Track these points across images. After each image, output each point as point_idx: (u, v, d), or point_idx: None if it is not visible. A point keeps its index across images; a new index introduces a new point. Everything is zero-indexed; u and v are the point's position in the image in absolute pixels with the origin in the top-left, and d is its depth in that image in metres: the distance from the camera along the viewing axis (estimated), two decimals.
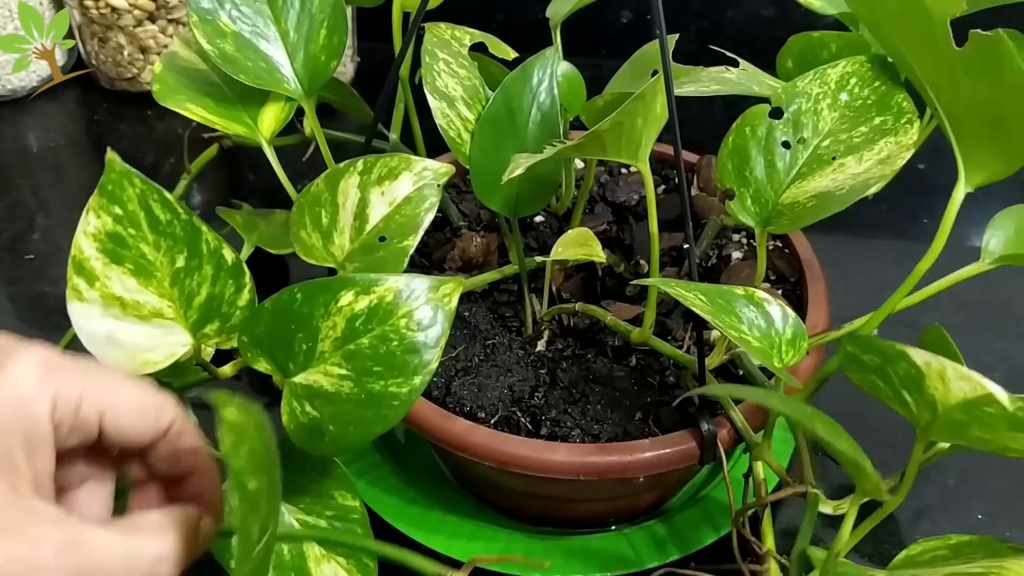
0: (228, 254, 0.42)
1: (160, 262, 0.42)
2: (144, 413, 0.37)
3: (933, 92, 0.43)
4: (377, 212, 0.44)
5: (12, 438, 0.34)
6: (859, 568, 0.40)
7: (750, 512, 0.48)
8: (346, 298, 0.39)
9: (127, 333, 0.41)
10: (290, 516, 0.43)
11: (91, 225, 0.40)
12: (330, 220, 0.45)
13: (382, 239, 0.44)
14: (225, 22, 0.50)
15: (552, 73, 0.51)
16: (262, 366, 0.40)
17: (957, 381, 0.33)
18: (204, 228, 0.42)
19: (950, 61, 0.40)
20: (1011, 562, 0.38)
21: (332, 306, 0.39)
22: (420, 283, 0.39)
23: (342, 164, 0.45)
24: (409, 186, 0.44)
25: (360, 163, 0.45)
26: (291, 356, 0.40)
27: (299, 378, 0.40)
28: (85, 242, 0.40)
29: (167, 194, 0.41)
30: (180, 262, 0.42)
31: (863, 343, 0.37)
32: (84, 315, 0.41)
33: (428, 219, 0.44)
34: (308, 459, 0.43)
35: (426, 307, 0.38)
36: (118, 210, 0.40)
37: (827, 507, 0.43)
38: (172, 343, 0.42)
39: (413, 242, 0.44)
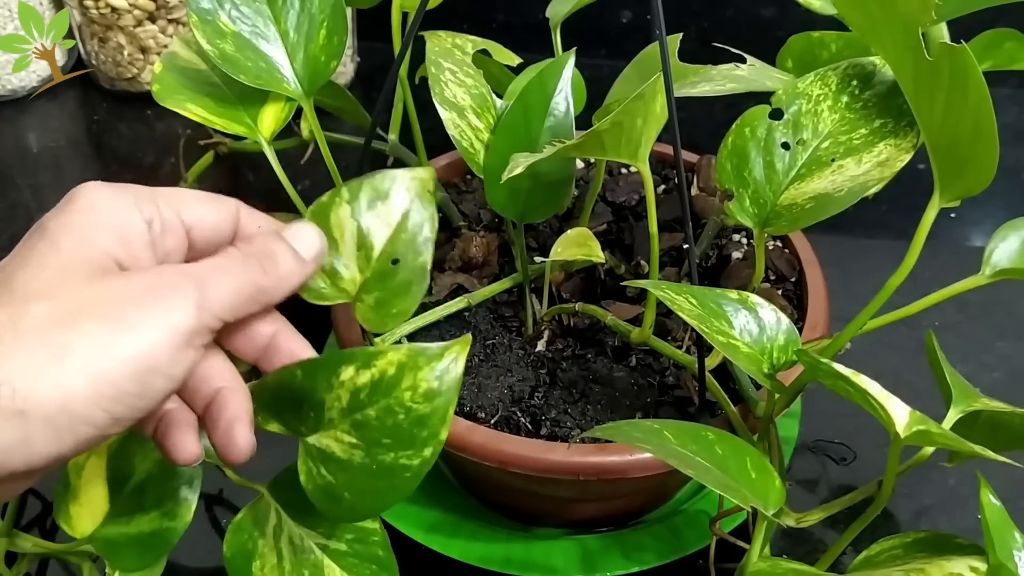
0: None
1: None
2: (211, 200, 0.38)
3: (912, 103, 0.43)
4: (380, 236, 0.43)
5: (108, 235, 0.34)
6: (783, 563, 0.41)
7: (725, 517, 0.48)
8: (347, 373, 0.37)
9: None
10: (310, 540, 0.43)
11: None
12: (331, 257, 0.44)
13: (395, 262, 0.43)
14: (225, 22, 0.50)
15: (568, 80, 0.51)
16: (274, 428, 0.40)
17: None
18: None
19: (924, 71, 0.40)
20: (936, 564, 0.39)
21: (333, 380, 0.37)
22: (423, 352, 0.37)
23: (324, 197, 0.43)
24: (403, 202, 0.43)
25: (344, 191, 0.43)
26: (301, 420, 0.39)
27: (312, 439, 0.39)
28: None
29: None
30: None
31: (811, 366, 0.39)
32: None
33: (433, 229, 0.43)
34: None
35: (431, 377, 0.36)
36: None
37: (790, 519, 0.43)
38: None
39: (428, 257, 0.43)
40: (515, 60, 0.55)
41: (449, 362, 0.36)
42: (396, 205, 0.43)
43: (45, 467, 0.32)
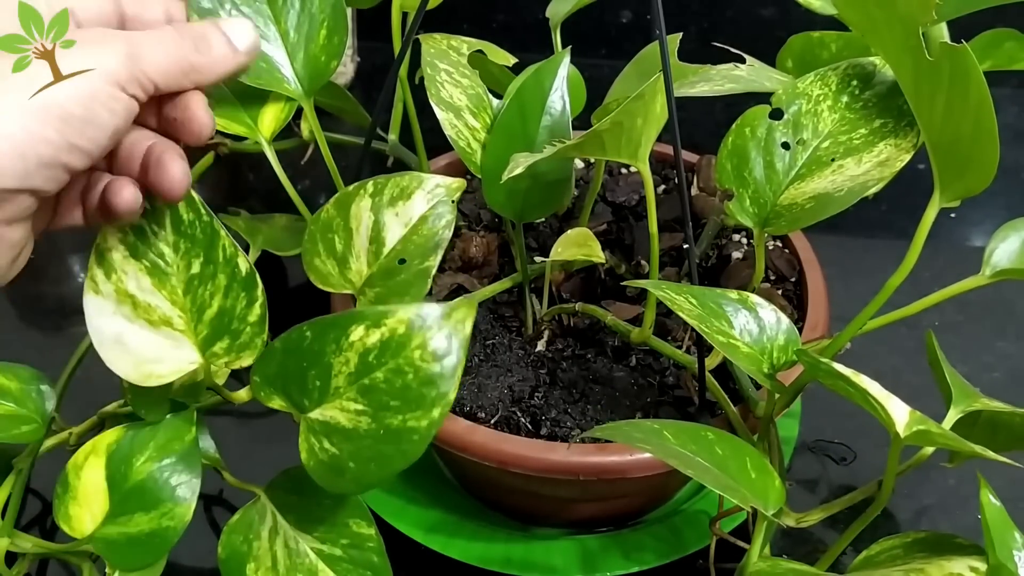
0: (243, 264, 0.42)
1: (177, 265, 0.42)
2: None
3: (912, 103, 0.43)
4: (393, 234, 0.43)
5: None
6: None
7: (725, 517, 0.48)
8: (357, 333, 0.37)
9: (135, 338, 0.41)
10: (305, 544, 0.43)
11: None
12: (344, 246, 0.44)
13: (402, 261, 0.43)
14: None
15: (564, 78, 0.51)
16: (276, 404, 0.40)
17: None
18: (223, 233, 0.41)
19: (924, 71, 0.40)
20: (936, 564, 0.39)
21: (343, 341, 0.37)
22: (432, 311, 0.37)
23: (351, 187, 0.44)
24: (423, 205, 0.43)
25: (370, 185, 0.44)
26: (305, 392, 0.39)
27: (315, 413, 0.39)
28: (110, 231, 0.41)
29: (193, 192, 0.41)
30: (195, 267, 0.41)
31: (811, 366, 0.39)
32: (97, 309, 0.41)
33: (447, 237, 0.43)
34: (323, 488, 0.42)
35: (440, 336, 0.36)
36: (146, 203, 0.40)
37: (790, 519, 0.43)
38: (179, 358, 0.42)
39: (434, 262, 0.43)
40: (511, 60, 0.55)
41: (458, 320, 0.37)
42: (416, 207, 0.43)
43: (15, 196, 0.35)
